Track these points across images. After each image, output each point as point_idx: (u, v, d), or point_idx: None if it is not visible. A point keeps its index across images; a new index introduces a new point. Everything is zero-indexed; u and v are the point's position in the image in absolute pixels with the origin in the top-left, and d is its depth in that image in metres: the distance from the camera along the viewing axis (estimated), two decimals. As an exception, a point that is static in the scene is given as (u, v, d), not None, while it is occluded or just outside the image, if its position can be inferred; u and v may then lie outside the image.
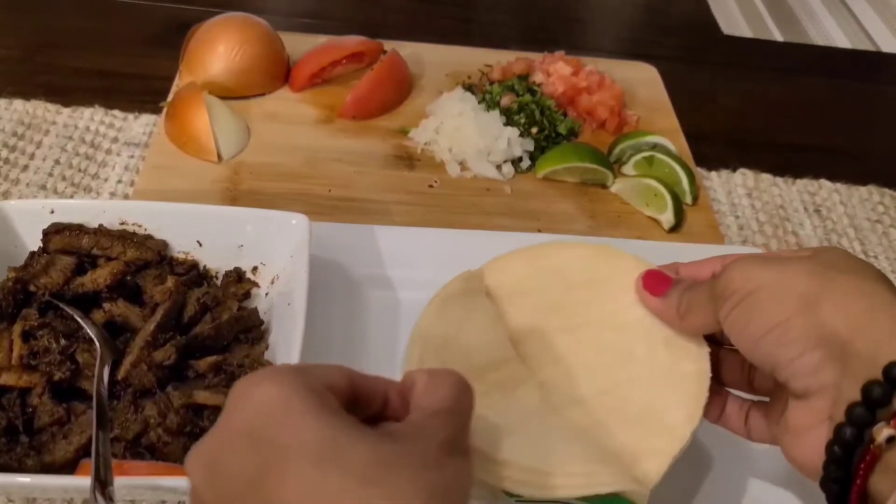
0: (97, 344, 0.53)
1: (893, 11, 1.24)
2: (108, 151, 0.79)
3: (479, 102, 0.85)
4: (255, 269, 0.61)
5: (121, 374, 0.52)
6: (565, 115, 0.87)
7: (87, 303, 0.56)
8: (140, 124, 0.82)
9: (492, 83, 0.90)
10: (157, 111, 0.83)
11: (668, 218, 0.77)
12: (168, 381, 0.52)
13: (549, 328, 0.53)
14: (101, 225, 0.59)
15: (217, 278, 0.62)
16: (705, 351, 0.49)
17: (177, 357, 0.53)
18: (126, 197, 0.75)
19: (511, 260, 0.56)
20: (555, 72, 0.88)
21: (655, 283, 0.50)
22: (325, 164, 0.79)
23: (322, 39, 0.90)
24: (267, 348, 0.56)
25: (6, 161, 0.76)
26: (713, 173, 0.87)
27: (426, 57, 0.94)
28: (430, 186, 0.79)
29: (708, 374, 0.48)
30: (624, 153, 0.83)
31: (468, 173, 0.80)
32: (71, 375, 0.52)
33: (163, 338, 0.54)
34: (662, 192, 0.77)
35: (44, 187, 0.75)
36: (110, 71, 0.89)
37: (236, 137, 0.79)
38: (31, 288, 0.55)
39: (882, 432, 0.36)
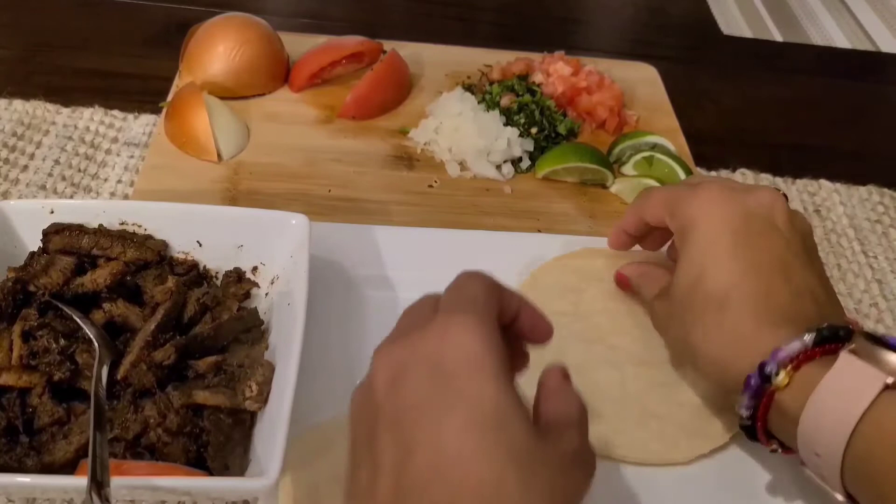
0: (96, 344, 0.53)
1: (893, 11, 1.24)
2: (108, 151, 0.79)
3: (478, 102, 0.85)
4: (254, 269, 0.61)
5: (120, 374, 0.52)
6: (565, 115, 0.87)
7: (87, 303, 0.56)
8: (140, 124, 0.82)
9: (491, 83, 0.90)
10: (156, 111, 0.83)
11: (667, 218, 0.77)
12: (168, 381, 0.52)
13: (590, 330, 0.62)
14: (100, 225, 0.59)
15: (217, 278, 0.62)
16: None
17: (176, 357, 0.53)
18: (126, 197, 0.75)
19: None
20: (555, 72, 0.88)
21: (624, 284, 0.63)
22: (324, 164, 0.79)
23: (322, 39, 0.90)
24: (267, 348, 0.56)
25: (6, 161, 0.76)
26: (713, 173, 0.87)
27: (426, 57, 0.94)
28: (430, 186, 0.79)
29: None
30: (624, 153, 0.83)
31: (468, 173, 0.80)
32: (71, 375, 0.52)
33: (163, 338, 0.54)
34: (662, 192, 0.77)
35: (43, 187, 0.75)
36: (110, 71, 0.89)
37: (236, 137, 0.79)
38: (31, 288, 0.55)
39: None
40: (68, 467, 0.49)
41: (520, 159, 0.82)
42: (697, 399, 0.58)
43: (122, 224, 0.60)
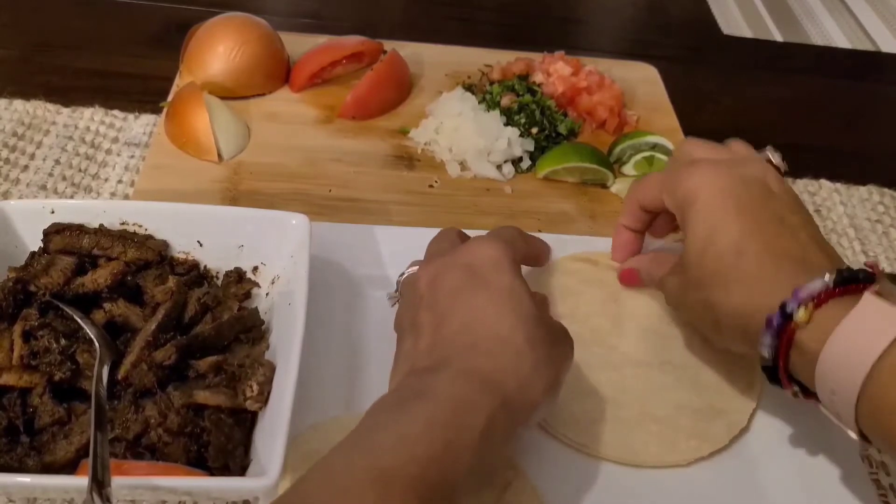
0: (96, 344, 0.53)
1: (893, 11, 1.24)
2: (109, 151, 0.79)
3: (479, 102, 0.85)
4: (255, 269, 0.61)
5: (121, 374, 0.52)
6: (565, 115, 0.87)
7: (88, 303, 0.56)
8: (140, 124, 0.82)
9: (492, 83, 0.90)
10: (157, 111, 0.83)
11: (668, 218, 0.77)
12: (168, 381, 0.52)
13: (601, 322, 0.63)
14: (101, 225, 0.59)
15: (217, 278, 0.62)
16: None
17: (177, 357, 0.52)
18: (126, 197, 0.75)
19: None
20: (555, 72, 0.88)
21: (630, 279, 0.64)
22: (324, 164, 0.79)
23: (322, 39, 0.90)
24: (268, 348, 0.56)
25: (6, 161, 0.76)
26: (713, 172, 0.87)
27: (426, 57, 0.94)
28: (430, 186, 0.79)
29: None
30: (624, 153, 0.83)
31: (468, 173, 0.80)
32: (71, 375, 0.52)
33: (163, 338, 0.54)
34: (662, 192, 0.77)
35: (44, 187, 0.75)
36: (110, 71, 0.89)
37: (236, 137, 0.79)
38: (32, 288, 0.55)
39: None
40: (69, 467, 0.49)
41: (520, 159, 0.82)
42: (697, 401, 0.58)
43: (123, 224, 0.60)
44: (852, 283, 0.46)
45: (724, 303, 0.50)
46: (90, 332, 0.53)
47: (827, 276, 0.45)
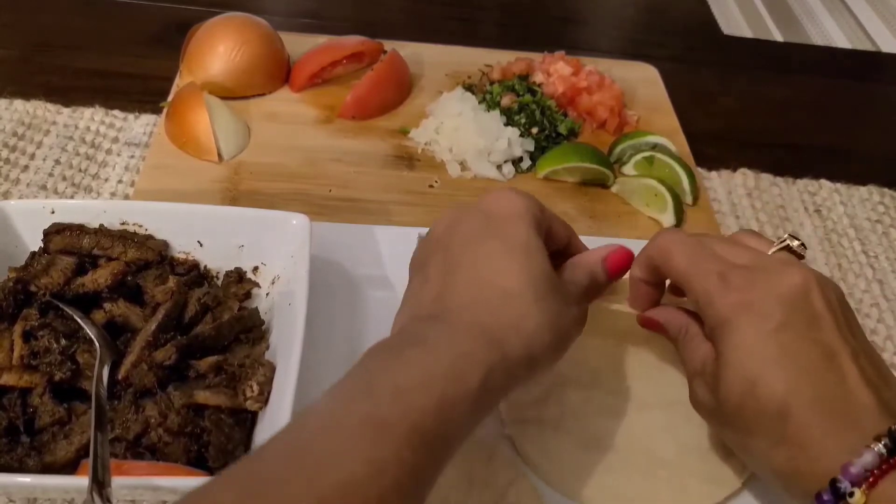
0: (97, 344, 0.53)
1: (893, 11, 1.24)
2: (109, 151, 0.79)
3: (479, 102, 0.85)
4: (255, 269, 0.61)
5: (121, 374, 0.52)
6: (565, 115, 0.87)
7: (88, 303, 0.56)
8: (140, 124, 0.82)
9: (492, 83, 0.90)
10: (157, 111, 0.83)
11: (668, 218, 0.77)
12: (169, 381, 0.52)
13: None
14: (101, 225, 0.59)
15: (218, 278, 0.62)
16: None
17: (177, 357, 0.53)
18: (126, 197, 0.75)
19: None
20: (555, 72, 0.88)
21: (653, 327, 0.55)
22: (324, 164, 0.79)
23: (322, 39, 0.90)
24: (268, 348, 0.56)
25: (6, 161, 0.76)
26: (713, 173, 0.87)
27: (426, 57, 0.94)
28: (431, 186, 0.79)
29: None
30: (624, 153, 0.83)
31: (468, 173, 0.80)
32: (71, 376, 0.52)
33: (163, 338, 0.54)
34: (663, 193, 0.77)
35: (44, 187, 0.75)
36: (110, 71, 0.89)
37: (236, 137, 0.79)
38: (32, 288, 0.55)
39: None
40: (69, 467, 0.49)
41: (520, 159, 0.82)
42: (705, 441, 0.55)
43: (123, 224, 0.60)
44: None
45: (763, 459, 0.46)
46: (90, 332, 0.53)
47: (877, 446, 0.42)
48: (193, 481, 0.48)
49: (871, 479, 0.41)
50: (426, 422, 0.38)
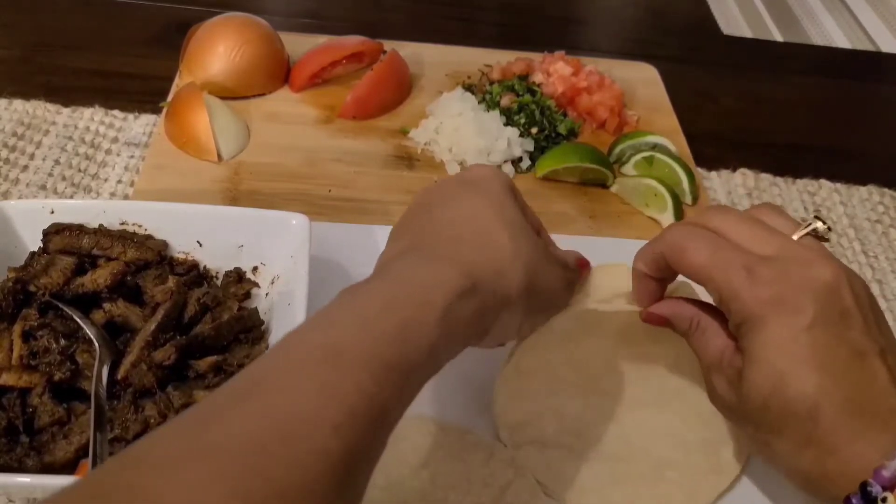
0: (96, 344, 0.53)
1: (893, 11, 1.24)
2: (108, 151, 0.79)
3: (478, 102, 0.85)
4: (255, 269, 0.61)
5: (121, 374, 0.52)
6: (565, 115, 0.87)
7: (87, 303, 0.56)
8: (140, 124, 0.82)
9: (492, 83, 0.90)
10: (157, 111, 0.83)
11: (668, 218, 0.77)
12: (168, 381, 0.53)
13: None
14: (101, 225, 0.59)
15: (217, 278, 0.62)
16: None
17: (177, 357, 0.53)
18: (126, 197, 0.75)
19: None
20: (555, 72, 0.88)
21: (659, 322, 0.52)
22: (324, 164, 0.79)
23: (322, 39, 0.90)
24: (267, 348, 0.56)
25: (6, 161, 0.76)
26: (713, 173, 0.87)
27: (426, 57, 0.94)
28: (430, 186, 0.79)
29: None
30: (624, 153, 0.83)
31: (468, 173, 0.80)
32: (71, 375, 0.52)
33: (163, 338, 0.54)
34: (662, 193, 0.77)
35: (44, 187, 0.75)
36: (110, 71, 0.89)
37: (236, 137, 0.79)
38: (31, 288, 0.55)
39: None
40: (69, 467, 0.49)
41: (520, 159, 0.82)
42: (704, 433, 0.55)
43: (123, 224, 0.60)
44: None
45: (789, 460, 0.45)
46: (90, 332, 0.53)
47: None
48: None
49: None
50: (386, 349, 0.36)
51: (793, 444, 0.44)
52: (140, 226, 0.60)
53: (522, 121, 0.83)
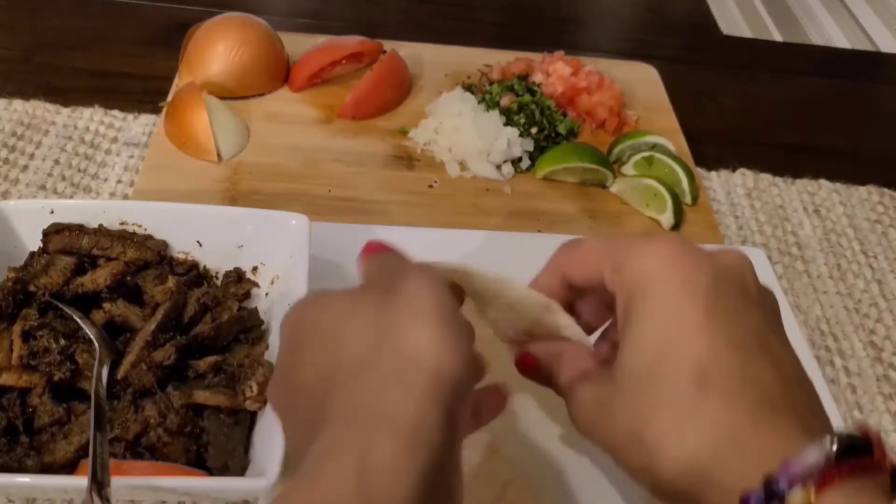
0: (96, 344, 0.53)
1: (893, 12, 1.24)
2: (108, 151, 0.79)
3: (478, 102, 0.85)
4: (255, 269, 0.61)
5: (120, 374, 0.52)
6: (565, 115, 0.87)
7: (87, 303, 0.56)
8: (140, 124, 0.82)
9: (491, 83, 0.90)
10: (156, 111, 0.83)
11: (667, 218, 0.77)
12: (168, 381, 0.52)
13: None
14: (100, 225, 0.59)
15: (217, 278, 0.62)
16: None
17: (177, 357, 0.53)
18: (126, 197, 0.75)
19: None
20: (554, 72, 0.88)
21: (528, 367, 0.47)
22: (324, 165, 0.79)
23: (322, 39, 0.90)
24: (267, 348, 0.56)
25: (6, 161, 0.76)
26: (713, 173, 0.87)
27: (426, 57, 0.94)
28: (430, 186, 0.79)
29: None
30: (623, 153, 0.83)
31: (468, 173, 0.80)
32: (71, 376, 0.52)
33: (163, 338, 0.54)
34: (662, 193, 0.77)
35: (43, 187, 0.75)
36: (110, 71, 0.90)
37: (236, 137, 0.79)
38: (31, 288, 0.55)
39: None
40: (68, 467, 0.49)
41: (520, 159, 0.82)
42: None
43: (122, 224, 0.60)
44: (856, 453, 0.33)
45: (669, 442, 0.36)
46: (90, 332, 0.53)
47: (828, 443, 0.33)
48: (193, 481, 0.48)
49: (819, 481, 0.32)
50: None
51: (677, 420, 0.36)
52: (140, 226, 0.60)
53: (522, 121, 0.83)
